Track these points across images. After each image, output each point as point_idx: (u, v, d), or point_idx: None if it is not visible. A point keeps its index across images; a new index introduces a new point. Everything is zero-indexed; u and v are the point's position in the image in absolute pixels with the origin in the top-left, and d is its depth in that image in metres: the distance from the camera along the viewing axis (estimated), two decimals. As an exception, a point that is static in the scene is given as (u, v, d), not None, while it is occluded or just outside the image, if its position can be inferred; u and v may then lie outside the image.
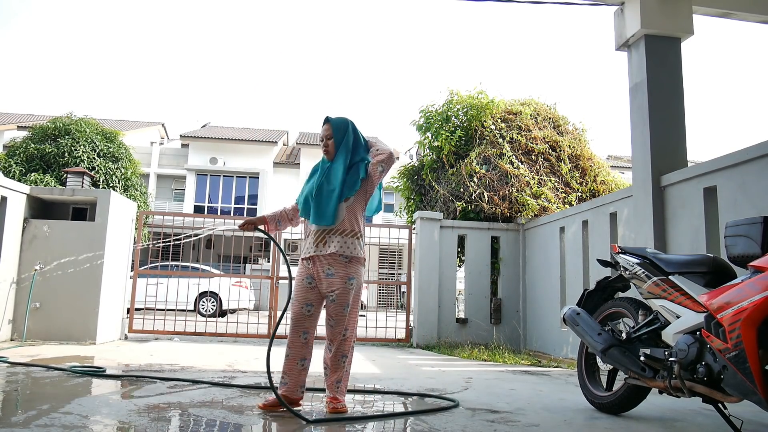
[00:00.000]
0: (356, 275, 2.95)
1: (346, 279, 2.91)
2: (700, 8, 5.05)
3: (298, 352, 2.95)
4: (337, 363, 2.95)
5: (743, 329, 2.14)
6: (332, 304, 2.94)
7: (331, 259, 2.92)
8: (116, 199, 6.38)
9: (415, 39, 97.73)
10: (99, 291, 5.99)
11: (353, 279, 2.93)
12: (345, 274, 2.91)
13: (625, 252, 3.17)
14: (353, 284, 2.93)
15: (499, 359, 5.98)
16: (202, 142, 24.71)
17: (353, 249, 2.94)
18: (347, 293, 2.92)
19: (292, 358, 2.94)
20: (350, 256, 2.93)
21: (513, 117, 8.48)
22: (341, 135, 3.03)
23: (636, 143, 5.01)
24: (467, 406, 3.29)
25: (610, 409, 3.17)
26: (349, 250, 2.93)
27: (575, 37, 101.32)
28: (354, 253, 2.94)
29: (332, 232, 2.94)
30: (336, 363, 2.95)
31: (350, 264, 2.93)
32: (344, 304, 2.92)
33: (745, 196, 3.81)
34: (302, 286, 3.00)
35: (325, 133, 3.05)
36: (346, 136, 3.03)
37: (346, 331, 2.94)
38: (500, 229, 7.65)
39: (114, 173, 12.85)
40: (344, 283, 2.91)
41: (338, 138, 3.02)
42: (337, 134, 3.02)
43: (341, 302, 2.92)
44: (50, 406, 2.80)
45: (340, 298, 2.91)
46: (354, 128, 3.07)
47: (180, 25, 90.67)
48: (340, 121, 3.06)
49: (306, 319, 2.96)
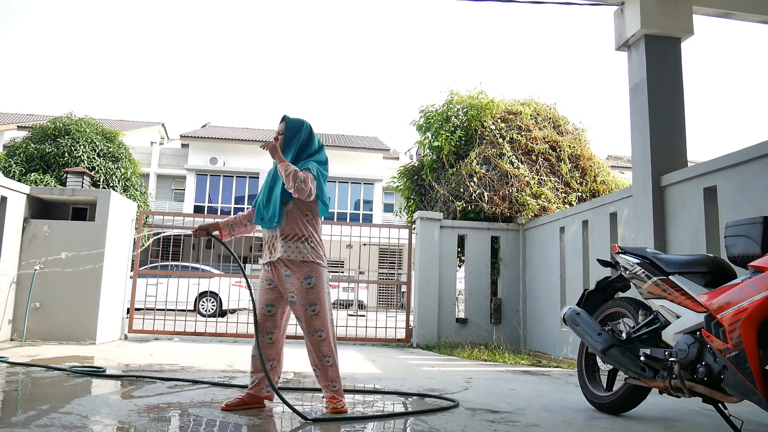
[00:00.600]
0: (314, 275, 2.90)
1: (302, 279, 2.88)
2: (700, 8, 5.05)
3: (264, 352, 2.95)
4: (322, 364, 2.93)
5: (743, 329, 2.14)
6: (294, 306, 2.93)
7: (287, 262, 2.90)
8: (116, 199, 6.38)
9: (416, 39, 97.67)
10: (99, 291, 5.99)
11: (311, 278, 2.89)
12: (302, 274, 2.89)
13: (625, 252, 3.17)
14: (311, 283, 2.88)
15: (499, 359, 5.98)
16: (202, 142, 24.72)
17: (301, 253, 2.89)
18: (306, 293, 2.88)
19: (259, 358, 2.94)
20: (301, 261, 2.89)
21: (513, 117, 8.47)
22: (292, 134, 3.04)
23: (636, 143, 5.01)
24: (467, 406, 3.29)
25: (610, 409, 3.16)
26: (295, 255, 2.88)
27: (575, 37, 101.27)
28: (303, 258, 2.89)
29: (278, 237, 2.92)
30: (321, 364, 2.93)
31: (305, 265, 2.89)
32: (306, 305, 2.88)
33: (745, 196, 3.81)
34: (262, 288, 3.03)
35: (278, 130, 3.08)
36: (297, 136, 3.03)
37: (320, 332, 2.90)
38: (500, 229, 7.64)
39: (114, 173, 12.85)
40: (301, 284, 2.88)
41: (288, 136, 3.03)
42: (289, 132, 3.04)
43: (302, 303, 2.89)
44: (50, 406, 2.80)
45: (300, 299, 2.89)
46: (309, 132, 3.07)
47: (180, 25, 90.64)
48: (295, 121, 3.07)
49: (268, 319, 2.97)
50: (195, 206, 23.72)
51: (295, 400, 3.36)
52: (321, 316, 2.91)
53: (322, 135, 27.83)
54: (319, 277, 2.92)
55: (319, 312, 2.90)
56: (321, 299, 2.92)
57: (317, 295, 2.90)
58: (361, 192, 25.91)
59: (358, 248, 8.47)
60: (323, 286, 2.94)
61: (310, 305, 2.89)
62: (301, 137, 3.03)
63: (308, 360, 2.98)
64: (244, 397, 2.97)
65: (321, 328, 2.90)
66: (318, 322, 2.90)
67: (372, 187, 25.82)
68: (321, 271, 2.95)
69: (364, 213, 25.60)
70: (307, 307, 2.89)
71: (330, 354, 2.93)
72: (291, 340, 7.25)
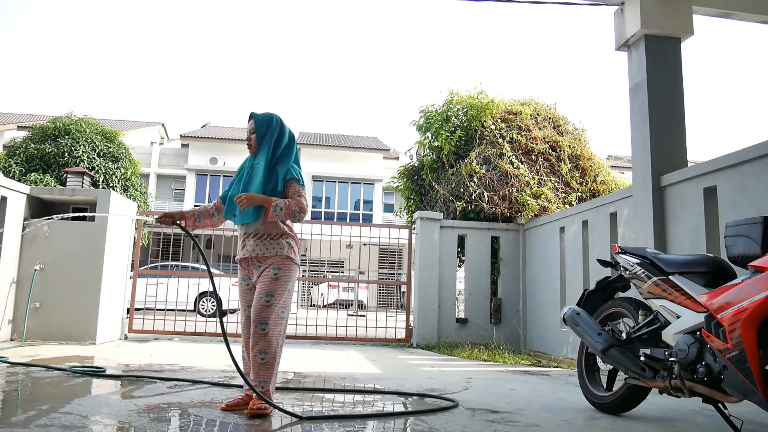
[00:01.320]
0: (283, 268, 2.87)
1: (271, 269, 2.86)
2: (700, 8, 5.04)
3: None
4: (254, 358, 2.82)
5: (743, 329, 2.14)
6: (253, 291, 2.90)
7: (261, 258, 2.88)
8: (116, 200, 6.38)
9: (416, 39, 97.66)
10: (99, 291, 5.99)
11: (279, 270, 2.85)
12: (272, 264, 2.86)
13: (625, 252, 3.17)
14: (278, 275, 2.84)
15: (499, 359, 5.98)
16: (202, 142, 24.73)
17: (274, 249, 2.87)
18: (268, 282, 2.83)
19: (237, 361, 2.90)
20: (275, 255, 2.87)
21: (513, 117, 8.47)
22: (263, 130, 3.00)
23: (636, 143, 5.01)
24: (467, 406, 3.29)
25: (610, 409, 3.16)
26: (269, 251, 2.87)
27: (575, 37, 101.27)
28: (277, 253, 2.87)
29: (252, 234, 2.90)
30: (254, 358, 2.82)
31: (278, 258, 2.87)
32: (264, 293, 2.82)
33: (745, 196, 3.80)
34: (241, 289, 3.00)
35: (249, 128, 3.04)
36: (269, 132, 2.99)
37: (264, 325, 2.79)
38: (500, 229, 7.64)
39: (114, 173, 12.85)
40: (268, 272, 2.85)
41: (260, 133, 2.99)
42: (260, 130, 3.00)
43: (261, 290, 2.83)
44: (50, 406, 2.80)
45: (260, 286, 2.84)
46: (280, 124, 3.04)
47: (180, 25, 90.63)
48: (264, 116, 3.04)
49: (249, 321, 2.93)
50: (195, 206, 23.67)
51: (294, 400, 3.36)
52: (272, 309, 2.81)
53: (323, 135, 27.84)
54: (287, 271, 2.89)
55: (272, 305, 2.81)
56: (279, 293, 2.85)
57: (278, 288, 2.84)
58: (361, 192, 25.92)
59: (358, 248, 8.47)
60: (288, 282, 2.89)
61: (267, 294, 2.82)
62: (274, 133, 2.99)
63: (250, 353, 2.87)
64: (243, 397, 2.97)
65: (266, 321, 2.80)
66: (266, 314, 2.80)
67: (372, 187, 25.83)
68: (291, 267, 2.91)
69: (364, 213, 25.61)
70: (263, 296, 2.82)
71: (267, 351, 2.80)
72: (291, 340, 7.27)
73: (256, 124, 3.01)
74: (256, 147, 3.01)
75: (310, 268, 16.87)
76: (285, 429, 2.68)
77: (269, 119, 3.03)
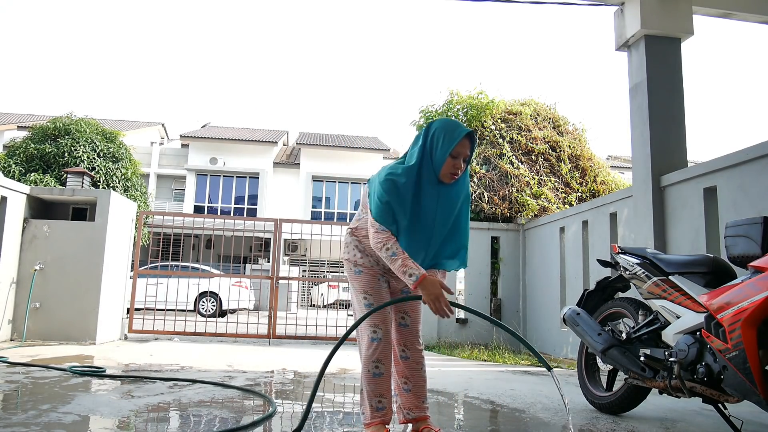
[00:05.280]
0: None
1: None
2: (700, 8, 5.05)
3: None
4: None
5: (743, 329, 2.14)
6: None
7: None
8: (116, 199, 6.38)
9: (416, 39, 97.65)
10: (99, 291, 5.99)
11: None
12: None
13: (625, 252, 3.17)
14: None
15: (499, 359, 5.98)
16: (202, 142, 24.71)
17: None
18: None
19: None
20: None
21: (513, 117, 8.48)
22: (473, 155, 2.38)
23: (636, 143, 5.01)
24: (467, 405, 3.29)
25: (610, 409, 3.16)
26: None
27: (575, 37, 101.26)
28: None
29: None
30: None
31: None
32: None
33: (745, 196, 3.80)
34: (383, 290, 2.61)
35: (464, 151, 2.26)
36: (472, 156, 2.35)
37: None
38: (500, 229, 7.64)
39: (114, 173, 12.85)
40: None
41: (471, 159, 2.33)
42: (472, 153, 2.32)
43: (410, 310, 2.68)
44: (50, 406, 2.80)
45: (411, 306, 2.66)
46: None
47: (180, 25, 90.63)
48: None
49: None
50: (195, 206, 23.71)
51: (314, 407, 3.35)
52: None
53: (323, 135, 27.83)
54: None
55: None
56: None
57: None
58: (362, 192, 25.90)
59: (358, 248, 8.45)
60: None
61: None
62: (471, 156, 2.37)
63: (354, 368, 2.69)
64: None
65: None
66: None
67: (372, 187, 25.76)
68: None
69: (365, 213, 25.54)
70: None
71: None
72: (291, 340, 7.27)
73: (471, 146, 2.29)
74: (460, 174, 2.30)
75: (310, 269, 16.84)
76: (285, 429, 2.68)
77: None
